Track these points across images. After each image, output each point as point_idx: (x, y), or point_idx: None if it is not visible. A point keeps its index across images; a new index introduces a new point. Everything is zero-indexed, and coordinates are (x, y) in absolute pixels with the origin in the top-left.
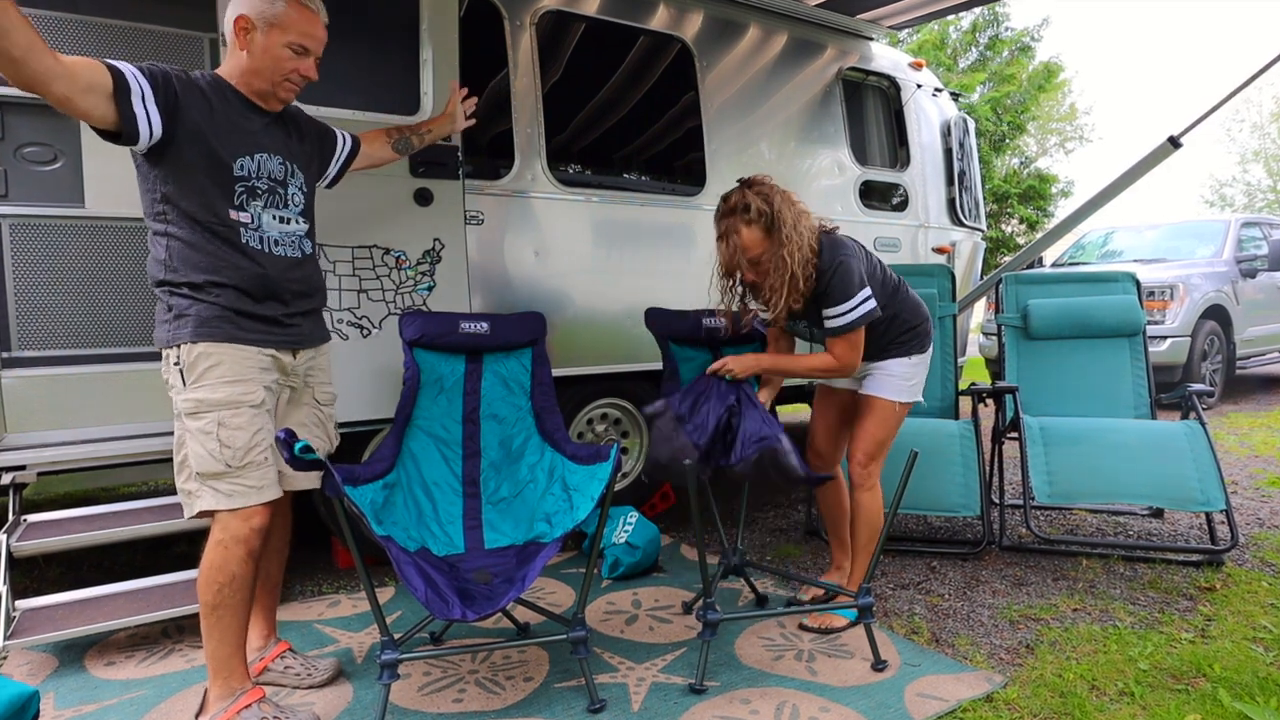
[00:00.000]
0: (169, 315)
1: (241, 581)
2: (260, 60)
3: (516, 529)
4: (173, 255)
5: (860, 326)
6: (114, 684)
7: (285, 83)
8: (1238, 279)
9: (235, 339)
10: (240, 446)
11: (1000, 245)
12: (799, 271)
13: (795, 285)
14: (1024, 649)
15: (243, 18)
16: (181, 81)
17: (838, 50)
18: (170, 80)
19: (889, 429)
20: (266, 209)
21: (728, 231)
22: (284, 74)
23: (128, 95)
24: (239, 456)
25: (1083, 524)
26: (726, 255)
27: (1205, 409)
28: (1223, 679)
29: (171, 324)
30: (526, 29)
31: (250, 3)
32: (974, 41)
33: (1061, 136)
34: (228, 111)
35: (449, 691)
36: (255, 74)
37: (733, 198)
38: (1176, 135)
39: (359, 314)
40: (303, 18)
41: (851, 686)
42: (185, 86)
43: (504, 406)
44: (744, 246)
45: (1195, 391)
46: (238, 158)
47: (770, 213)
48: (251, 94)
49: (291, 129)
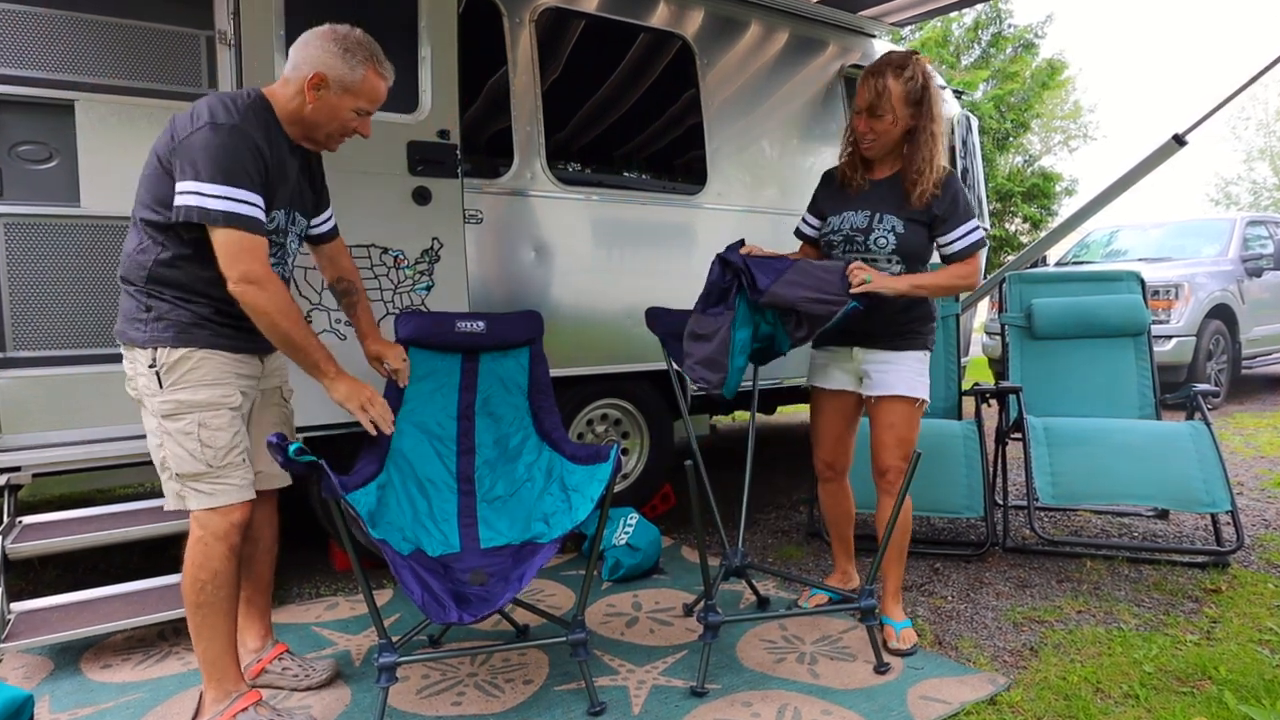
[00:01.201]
0: (146, 314)
1: (225, 578)
2: (323, 116)
3: (513, 528)
4: (165, 262)
5: (977, 252)
6: (110, 687)
7: (339, 138)
8: (1243, 278)
9: (215, 345)
10: (221, 446)
11: (1004, 244)
12: (939, 157)
13: (932, 171)
14: (1028, 651)
15: (319, 76)
16: (266, 160)
17: (840, 48)
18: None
19: (916, 428)
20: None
21: (877, 73)
22: (344, 133)
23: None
24: (220, 456)
25: (1087, 525)
26: (867, 94)
27: (1210, 409)
28: (1228, 681)
29: (150, 325)
30: (526, 26)
31: (331, 64)
32: (977, 39)
33: (1065, 134)
34: (277, 164)
35: (448, 694)
36: (313, 126)
37: (896, 53)
38: (1181, 133)
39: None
40: (377, 86)
41: (854, 689)
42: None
43: (501, 405)
44: (883, 93)
45: (1200, 392)
46: (272, 212)
47: (923, 84)
48: (296, 138)
49: (310, 174)
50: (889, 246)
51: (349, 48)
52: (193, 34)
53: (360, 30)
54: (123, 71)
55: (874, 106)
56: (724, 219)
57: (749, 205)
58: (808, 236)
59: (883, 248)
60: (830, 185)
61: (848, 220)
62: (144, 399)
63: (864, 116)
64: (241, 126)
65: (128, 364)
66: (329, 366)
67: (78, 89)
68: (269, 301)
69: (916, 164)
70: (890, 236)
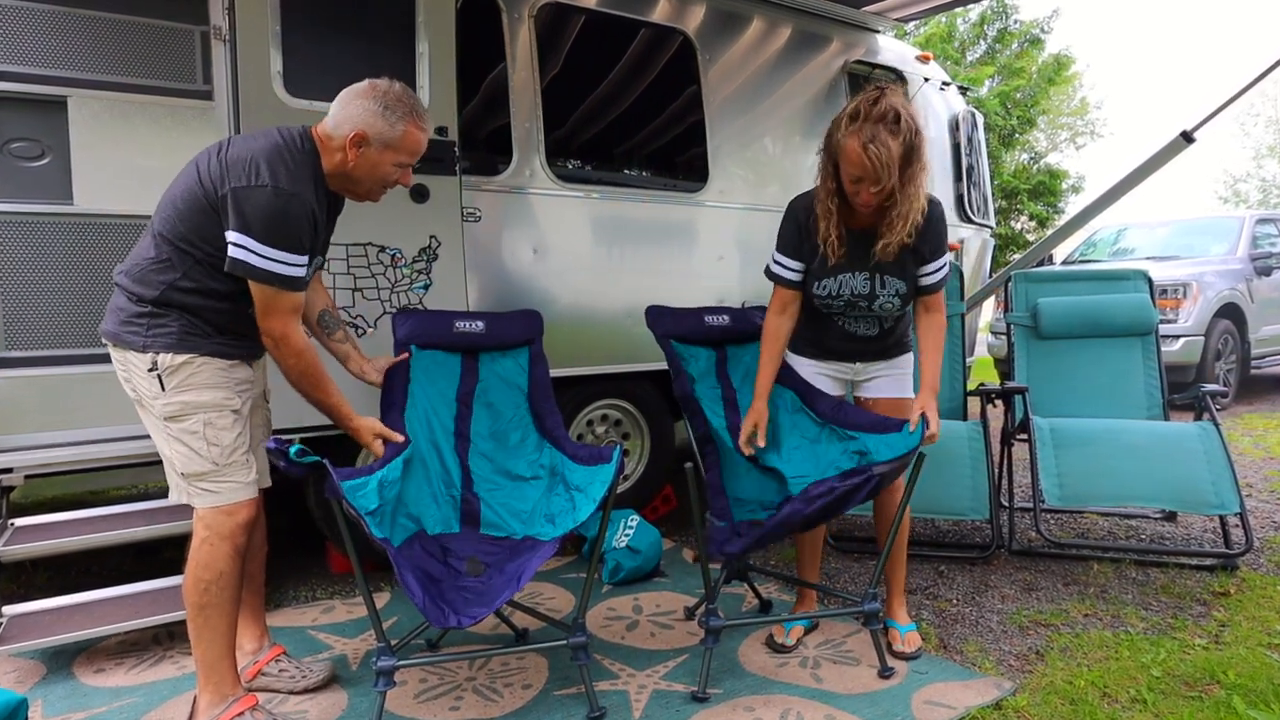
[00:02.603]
0: (144, 320)
1: (229, 579)
2: (365, 172)
3: (515, 521)
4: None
5: (945, 284)
6: (103, 691)
7: (381, 190)
8: (1252, 277)
9: (214, 353)
10: (227, 445)
11: (1009, 242)
12: (921, 208)
13: (908, 225)
14: (1034, 655)
15: (360, 134)
16: (319, 223)
17: (843, 43)
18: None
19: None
20: None
21: (874, 139)
22: (385, 185)
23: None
24: (225, 455)
25: (1094, 527)
26: (869, 165)
27: (1219, 410)
28: (1237, 686)
29: (151, 330)
30: (525, 21)
31: (372, 123)
32: (982, 34)
33: (1072, 131)
34: (324, 220)
35: (446, 699)
36: (355, 182)
37: (881, 103)
38: (1190, 130)
39: (353, 313)
40: (418, 141)
41: (857, 694)
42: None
43: (499, 400)
44: (892, 159)
45: (1209, 392)
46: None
47: (915, 131)
48: (336, 189)
49: (335, 214)
50: (895, 310)
51: (389, 105)
52: (187, 29)
53: (400, 85)
54: (116, 67)
55: (876, 176)
56: (726, 217)
57: (751, 203)
58: (791, 282)
59: (889, 311)
60: (807, 236)
61: (847, 285)
62: (144, 400)
63: (865, 185)
64: (303, 196)
65: (119, 365)
66: (347, 410)
67: (70, 85)
68: (295, 365)
69: (905, 212)
70: (895, 300)
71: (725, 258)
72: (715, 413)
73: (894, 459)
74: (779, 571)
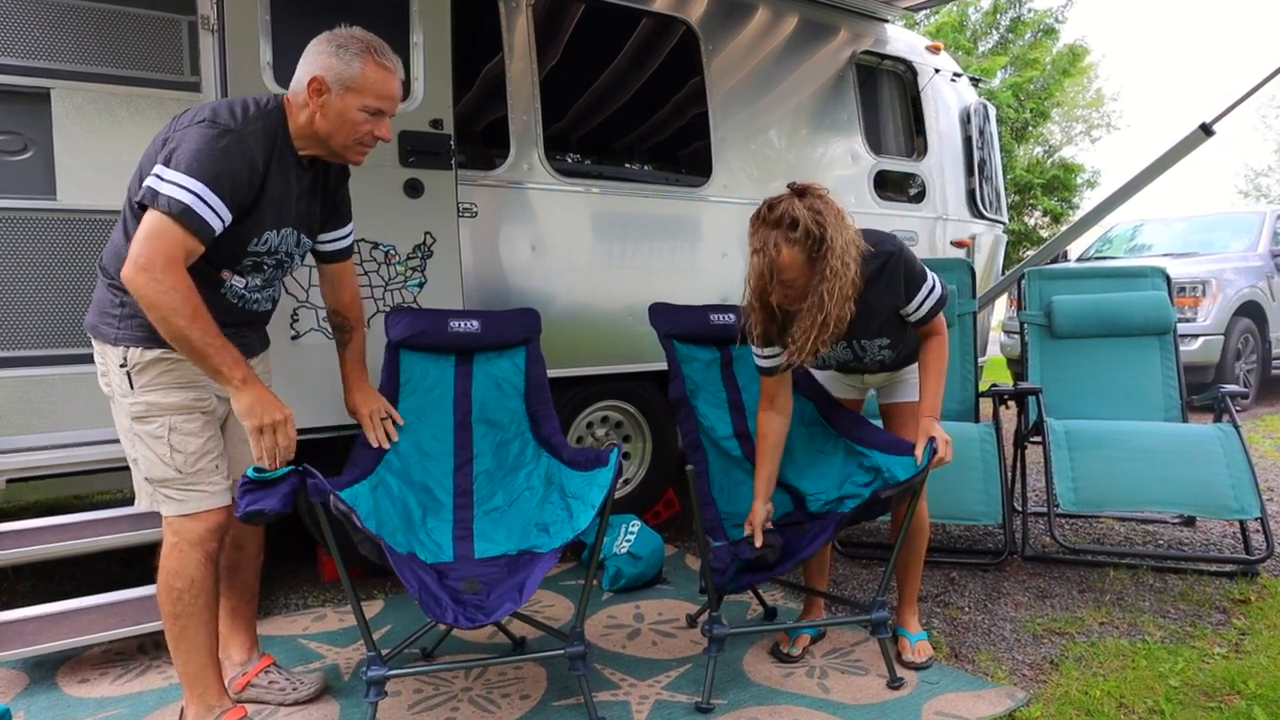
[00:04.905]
0: (120, 310)
1: (201, 586)
2: (334, 124)
3: (510, 538)
4: None
5: (942, 309)
6: (88, 702)
7: (358, 145)
8: (1273, 274)
9: None
10: (192, 452)
11: (1023, 239)
12: (834, 314)
13: (826, 329)
14: (1048, 665)
15: (317, 79)
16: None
17: (851, 33)
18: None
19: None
20: (260, 278)
21: (765, 245)
22: (358, 137)
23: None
24: (190, 463)
25: (1110, 533)
26: (757, 273)
27: (1239, 411)
28: (1258, 696)
29: (124, 322)
30: (523, 11)
31: (325, 63)
32: (995, 23)
33: (1087, 124)
34: (278, 182)
35: (441, 710)
36: (326, 137)
37: (780, 207)
38: (1209, 122)
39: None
40: (380, 78)
41: (866, 705)
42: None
43: (497, 410)
44: (780, 267)
45: (1228, 393)
46: (262, 233)
47: (820, 237)
48: (309, 154)
49: (325, 191)
50: (889, 359)
51: (342, 43)
52: (174, 19)
53: (359, 28)
54: (101, 59)
55: (782, 282)
56: (730, 212)
57: (756, 198)
58: (774, 369)
59: (883, 361)
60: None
61: (831, 356)
62: (115, 397)
63: (776, 291)
64: (240, 133)
65: (98, 358)
66: (234, 372)
67: (54, 77)
68: (161, 296)
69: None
70: (887, 351)
71: (729, 254)
72: (719, 418)
73: (902, 483)
74: (784, 579)
